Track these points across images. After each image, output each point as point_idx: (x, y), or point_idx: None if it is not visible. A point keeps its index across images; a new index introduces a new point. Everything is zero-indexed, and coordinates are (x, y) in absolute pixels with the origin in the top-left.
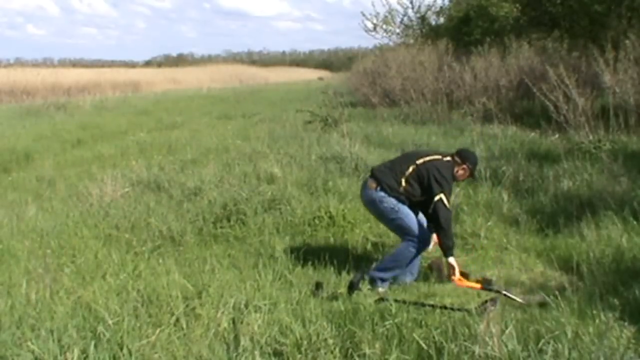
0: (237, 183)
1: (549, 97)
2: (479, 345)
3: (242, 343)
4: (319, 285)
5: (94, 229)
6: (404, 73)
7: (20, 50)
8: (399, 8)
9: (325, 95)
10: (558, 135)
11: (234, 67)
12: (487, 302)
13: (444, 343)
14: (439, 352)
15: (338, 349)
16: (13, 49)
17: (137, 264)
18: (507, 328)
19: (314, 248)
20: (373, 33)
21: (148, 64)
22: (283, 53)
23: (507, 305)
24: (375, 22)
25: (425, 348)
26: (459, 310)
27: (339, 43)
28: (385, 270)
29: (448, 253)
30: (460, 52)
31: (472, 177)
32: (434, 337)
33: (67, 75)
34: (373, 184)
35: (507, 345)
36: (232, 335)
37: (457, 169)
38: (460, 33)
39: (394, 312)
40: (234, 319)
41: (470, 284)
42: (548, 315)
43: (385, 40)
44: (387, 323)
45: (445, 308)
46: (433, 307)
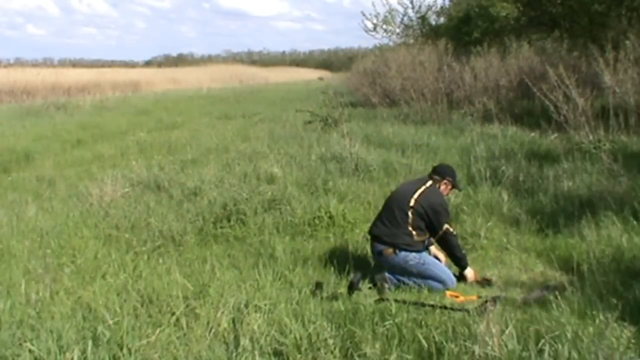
0: (237, 183)
1: (549, 97)
2: (479, 345)
3: (242, 343)
4: (319, 285)
5: (94, 229)
6: (404, 73)
7: (20, 50)
8: (399, 8)
9: (325, 95)
10: (558, 135)
11: (234, 67)
12: (487, 302)
13: (444, 343)
14: (439, 352)
15: (338, 349)
16: (13, 49)
17: (137, 264)
18: (507, 328)
19: (314, 248)
20: (373, 33)
21: (148, 64)
22: (283, 53)
23: (507, 305)
24: (376, 22)
25: (426, 348)
26: (459, 310)
27: (339, 43)
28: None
29: (463, 265)
30: (460, 52)
31: (456, 188)
32: (434, 337)
33: (67, 75)
34: (389, 250)
35: (507, 345)
36: (232, 335)
37: (439, 187)
38: (460, 33)
39: (394, 312)
40: (234, 319)
41: (467, 298)
42: (548, 315)
43: (385, 40)
44: (387, 323)
45: (445, 308)
46: (433, 307)
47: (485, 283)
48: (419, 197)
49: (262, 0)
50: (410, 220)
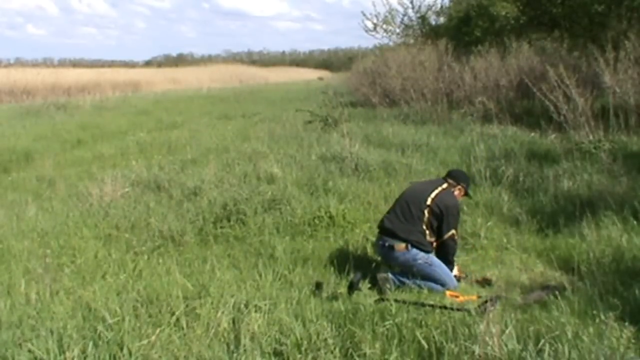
0: (237, 183)
1: (549, 97)
2: (479, 345)
3: (242, 343)
4: (319, 285)
5: (94, 229)
6: (404, 73)
7: (20, 50)
8: (399, 8)
9: (325, 95)
10: (558, 135)
11: (234, 67)
12: (487, 302)
13: (444, 343)
14: (439, 352)
15: (338, 349)
16: (13, 49)
17: (137, 264)
18: (507, 328)
19: (314, 248)
20: (373, 33)
21: (148, 64)
22: (283, 53)
23: (507, 305)
24: (376, 22)
25: (426, 348)
26: (459, 310)
27: (339, 43)
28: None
29: (450, 268)
30: (460, 52)
31: (467, 196)
32: (434, 337)
33: (67, 75)
34: (402, 246)
35: (507, 345)
36: (232, 335)
37: (453, 191)
38: (460, 33)
39: (394, 312)
40: (234, 319)
41: (467, 297)
42: (548, 315)
43: (385, 40)
44: (387, 323)
45: (445, 308)
46: (433, 307)
47: (485, 283)
48: (436, 197)
49: (262, 0)
50: (426, 219)
